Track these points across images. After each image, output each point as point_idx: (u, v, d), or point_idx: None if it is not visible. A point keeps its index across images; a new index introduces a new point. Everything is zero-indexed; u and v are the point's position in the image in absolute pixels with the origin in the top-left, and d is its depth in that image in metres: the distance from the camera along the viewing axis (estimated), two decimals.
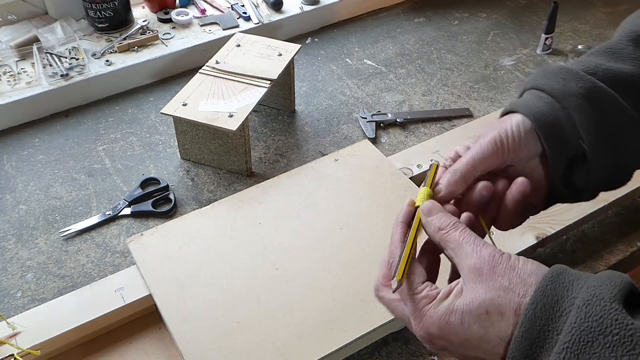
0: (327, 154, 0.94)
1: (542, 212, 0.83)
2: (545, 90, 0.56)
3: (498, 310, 0.43)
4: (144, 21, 1.18)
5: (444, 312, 0.46)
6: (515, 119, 0.54)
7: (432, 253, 0.53)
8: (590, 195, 0.59)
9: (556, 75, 0.56)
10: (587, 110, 0.54)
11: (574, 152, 0.55)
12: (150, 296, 0.73)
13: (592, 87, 0.54)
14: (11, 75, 1.06)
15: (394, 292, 0.49)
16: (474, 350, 0.45)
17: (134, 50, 1.12)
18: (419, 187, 0.86)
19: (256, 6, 1.24)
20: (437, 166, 0.56)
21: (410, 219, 0.52)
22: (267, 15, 1.22)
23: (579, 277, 0.42)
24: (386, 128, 1.03)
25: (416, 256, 0.52)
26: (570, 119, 0.54)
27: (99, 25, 1.15)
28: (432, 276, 0.51)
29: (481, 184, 0.53)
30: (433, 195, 0.53)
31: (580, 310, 0.40)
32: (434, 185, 0.54)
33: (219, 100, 0.91)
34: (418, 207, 0.52)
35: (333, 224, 0.80)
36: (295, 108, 1.08)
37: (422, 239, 0.53)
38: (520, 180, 0.53)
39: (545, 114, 0.54)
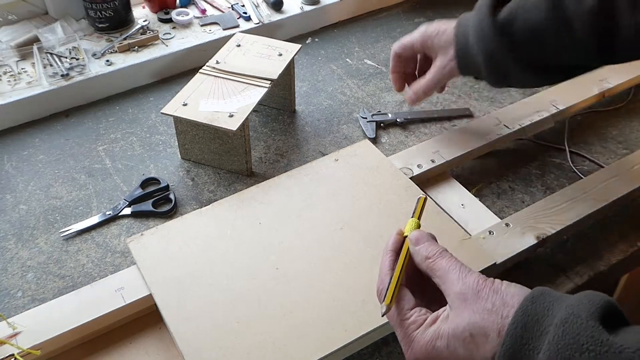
0: (327, 154, 0.94)
1: (542, 212, 0.84)
2: (472, 47, 0.80)
3: (482, 332, 0.44)
4: (144, 21, 1.18)
5: (430, 337, 0.47)
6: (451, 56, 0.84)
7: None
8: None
9: (483, 35, 0.78)
10: (489, 67, 0.80)
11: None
12: (150, 296, 0.73)
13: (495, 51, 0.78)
14: (11, 75, 1.06)
15: (382, 315, 0.51)
16: None
17: (134, 50, 1.13)
18: (419, 187, 0.86)
19: (256, 6, 1.24)
20: (425, 199, 0.58)
21: (399, 248, 0.54)
22: (267, 15, 1.22)
23: (560, 298, 0.44)
24: (386, 128, 1.03)
25: (404, 283, 0.53)
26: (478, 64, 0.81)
27: (99, 25, 1.15)
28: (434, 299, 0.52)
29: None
30: (419, 226, 0.55)
31: (558, 328, 0.40)
32: (421, 216, 0.57)
33: (219, 100, 0.91)
34: (406, 236, 0.54)
35: (333, 224, 0.80)
36: (296, 108, 1.08)
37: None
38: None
39: (465, 54, 0.82)
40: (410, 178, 0.88)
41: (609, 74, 1.08)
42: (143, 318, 0.74)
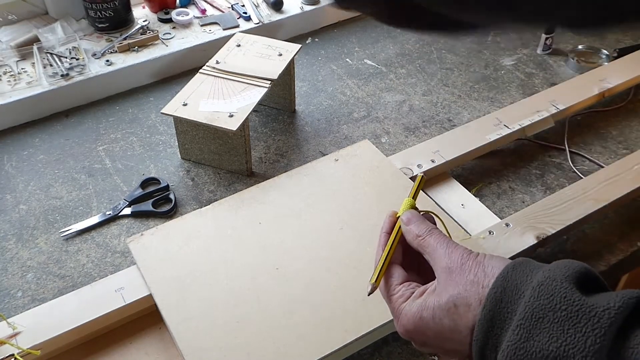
0: (327, 154, 0.94)
1: (542, 212, 0.84)
2: None
3: (465, 302, 0.46)
4: (144, 21, 1.18)
5: (417, 309, 0.49)
6: None
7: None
8: None
9: None
10: None
11: None
12: (150, 296, 0.73)
13: None
14: (11, 75, 1.06)
15: (368, 295, 0.53)
16: (449, 342, 0.48)
17: (134, 50, 1.13)
18: None
19: (256, 6, 1.24)
20: (423, 178, 0.60)
21: (392, 229, 0.56)
22: (268, 15, 1.22)
23: (540, 266, 0.45)
24: (386, 128, 1.03)
25: (400, 260, 0.55)
26: None
27: (99, 25, 1.15)
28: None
29: None
30: (414, 206, 0.57)
31: (535, 290, 0.42)
32: (417, 195, 0.59)
33: (219, 100, 0.91)
34: (399, 216, 0.56)
35: (333, 224, 0.80)
36: (296, 108, 1.08)
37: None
38: None
39: None
40: (411, 178, 0.88)
41: (609, 74, 1.08)
42: (143, 318, 0.74)
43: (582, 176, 0.93)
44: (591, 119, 1.06)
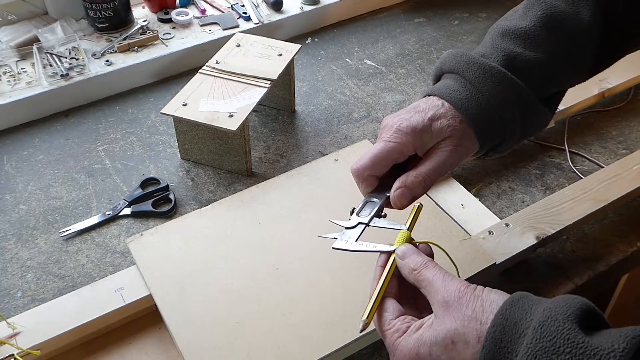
0: (327, 154, 0.94)
1: (542, 212, 0.84)
2: (483, 94, 0.62)
3: (463, 339, 0.45)
4: (144, 21, 1.18)
5: (413, 344, 0.48)
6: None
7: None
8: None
9: (480, 74, 0.63)
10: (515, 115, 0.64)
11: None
12: (150, 296, 0.73)
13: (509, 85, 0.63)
14: (11, 75, 1.06)
15: (360, 332, 0.52)
16: None
17: (134, 50, 1.12)
18: None
19: (256, 6, 1.24)
20: (419, 208, 0.60)
21: (387, 262, 0.56)
22: (267, 15, 1.22)
23: (539, 301, 0.44)
24: None
25: (395, 293, 0.55)
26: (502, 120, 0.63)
27: (99, 25, 1.15)
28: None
29: None
30: (410, 238, 0.57)
31: (536, 331, 0.41)
32: (413, 226, 0.58)
33: (219, 100, 0.91)
34: (394, 249, 0.56)
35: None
36: (295, 108, 1.08)
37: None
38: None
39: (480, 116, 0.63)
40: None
41: (609, 74, 1.08)
42: (143, 318, 0.74)
43: (582, 176, 0.93)
44: (591, 119, 1.06)
